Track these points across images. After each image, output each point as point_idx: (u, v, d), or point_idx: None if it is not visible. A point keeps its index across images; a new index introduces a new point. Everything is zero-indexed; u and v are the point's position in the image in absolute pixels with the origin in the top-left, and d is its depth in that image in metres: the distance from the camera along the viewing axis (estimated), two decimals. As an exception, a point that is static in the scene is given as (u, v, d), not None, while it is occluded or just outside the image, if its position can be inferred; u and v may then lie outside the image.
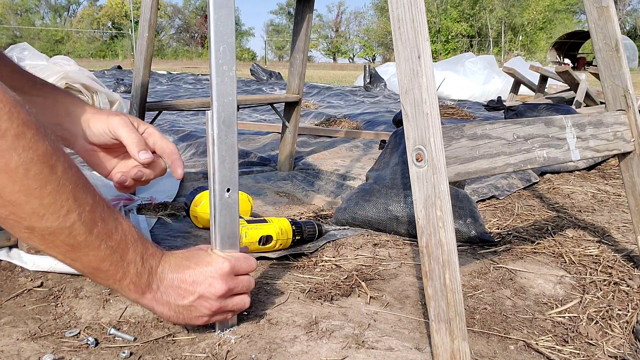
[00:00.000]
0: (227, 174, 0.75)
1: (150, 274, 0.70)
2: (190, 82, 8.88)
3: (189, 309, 0.73)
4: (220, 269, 0.74)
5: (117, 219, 0.67)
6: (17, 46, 3.10)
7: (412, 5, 0.69)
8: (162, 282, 0.71)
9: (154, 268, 0.71)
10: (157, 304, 0.72)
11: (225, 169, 0.75)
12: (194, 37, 47.65)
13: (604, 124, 0.98)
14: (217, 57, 0.72)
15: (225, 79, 0.73)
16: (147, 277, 0.70)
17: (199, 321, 0.75)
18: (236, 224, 0.78)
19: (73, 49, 38.02)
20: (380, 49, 42.73)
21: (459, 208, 1.27)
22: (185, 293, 0.72)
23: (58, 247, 0.62)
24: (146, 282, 0.70)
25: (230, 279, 0.75)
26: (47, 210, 0.58)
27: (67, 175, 0.60)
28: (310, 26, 1.90)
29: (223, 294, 0.74)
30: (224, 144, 0.74)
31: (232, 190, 0.76)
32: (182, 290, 0.72)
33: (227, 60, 0.73)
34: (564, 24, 31.92)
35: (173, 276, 0.72)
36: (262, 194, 1.70)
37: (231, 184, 0.76)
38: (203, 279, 0.73)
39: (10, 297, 0.89)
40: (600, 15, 1.01)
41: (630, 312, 0.91)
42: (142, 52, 1.53)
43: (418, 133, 0.70)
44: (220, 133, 0.74)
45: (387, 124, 3.38)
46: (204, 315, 0.75)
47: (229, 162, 0.75)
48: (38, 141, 0.57)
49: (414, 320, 0.87)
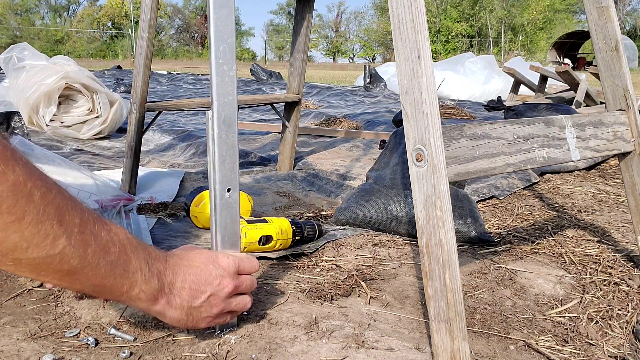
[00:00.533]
0: (227, 174, 0.75)
1: (159, 278, 0.67)
2: (190, 82, 8.88)
3: (199, 310, 0.72)
4: (228, 268, 0.73)
5: (110, 230, 0.63)
6: (17, 46, 3.10)
7: (412, 5, 0.69)
8: (174, 285, 0.69)
9: (162, 271, 0.68)
10: (169, 308, 0.69)
11: (226, 169, 0.75)
12: (194, 37, 47.65)
13: (604, 124, 0.98)
14: (217, 56, 0.72)
15: (226, 78, 0.73)
16: (158, 282, 0.67)
17: (205, 322, 0.74)
18: (237, 223, 0.78)
19: (73, 49, 38.03)
20: (380, 49, 42.73)
21: (459, 208, 1.27)
22: (197, 293, 0.71)
23: (51, 274, 0.58)
24: (157, 287, 0.67)
25: (236, 278, 0.75)
26: (30, 242, 0.54)
27: (47, 200, 0.55)
28: (310, 26, 1.90)
29: (231, 292, 0.73)
30: (224, 144, 0.74)
31: (233, 190, 0.76)
32: (195, 291, 0.70)
33: (227, 60, 0.73)
34: (564, 24, 31.91)
35: (184, 278, 0.70)
36: (262, 194, 1.70)
37: (232, 184, 0.76)
38: (213, 278, 0.72)
39: (10, 297, 0.89)
40: (600, 15, 1.01)
41: (630, 312, 0.91)
42: (142, 52, 1.53)
43: (418, 133, 0.70)
44: (220, 133, 0.74)
45: (387, 124, 3.38)
46: (210, 316, 0.73)
47: (229, 162, 0.75)
48: (5, 171, 0.51)
49: (414, 320, 0.87)
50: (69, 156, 2.26)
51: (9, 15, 40.68)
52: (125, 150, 1.62)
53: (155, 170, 1.97)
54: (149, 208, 1.45)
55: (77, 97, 2.82)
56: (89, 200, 1.38)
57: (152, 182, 1.78)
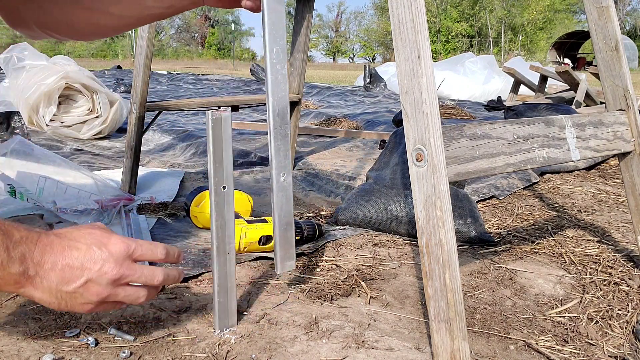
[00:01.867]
0: (282, 161, 0.82)
1: (23, 261, 0.62)
2: (190, 82, 8.87)
3: (73, 296, 0.65)
4: (116, 252, 0.67)
5: None
6: (17, 46, 3.10)
7: (412, 5, 0.69)
8: (41, 267, 0.63)
9: (28, 254, 0.62)
10: (35, 290, 0.64)
11: (280, 157, 0.82)
12: (194, 37, 47.67)
13: (604, 124, 0.98)
14: (271, 57, 0.78)
15: (279, 76, 0.79)
16: (20, 266, 0.61)
17: (84, 309, 0.67)
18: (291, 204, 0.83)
19: (73, 49, 38.03)
20: (380, 49, 42.73)
21: (459, 208, 1.27)
22: (70, 277, 0.64)
23: None
24: (19, 271, 0.61)
25: (125, 265, 0.67)
26: None
27: None
28: (310, 26, 1.90)
29: (115, 279, 0.66)
30: (279, 134, 0.80)
31: (287, 174, 0.82)
32: (67, 275, 0.64)
33: (280, 60, 0.79)
34: (564, 24, 31.92)
35: (56, 259, 0.64)
36: (262, 194, 1.70)
37: (286, 170, 0.82)
38: (93, 262, 0.65)
39: (10, 297, 0.89)
40: (600, 15, 1.01)
41: (630, 312, 0.91)
42: (142, 52, 1.53)
43: (418, 133, 0.70)
44: (275, 125, 0.79)
45: (387, 124, 3.38)
46: (90, 303, 0.67)
47: (283, 150, 0.82)
48: None
49: (414, 320, 0.87)
50: (69, 156, 2.26)
51: (9, 15, 40.59)
52: (125, 150, 1.62)
53: (155, 170, 1.97)
54: (149, 208, 1.45)
55: (77, 97, 2.81)
56: (89, 200, 1.38)
57: (152, 182, 1.78)
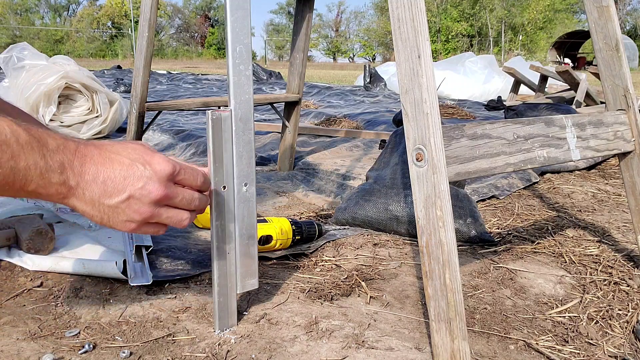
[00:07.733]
0: (244, 169, 0.77)
1: (62, 170, 0.59)
2: (190, 81, 8.87)
3: (115, 211, 0.63)
4: (161, 172, 0.64)
5: None
6: (16, 46, 3.10)
7: (412, 5, 0.69)
8: (82, 178, 0.61)
9: (67, 163, 0.60)
10: (78, 202, 0.62)
11: (243, 164, 0.77)
12: (194, 37, 47.66)
13: (604, 124, 0.98)
14: (234, 57, 0.75)
15: (242, 78, 0.76)
16: (60, 175, 0.59)
17: (127, 227, 0.65)
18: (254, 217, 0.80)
19: (73, 49, 38.05)
20: (380, 48, 42.74)
21: (459, 208, 1.26)
22: (113, 191, 0.62)
23: None
24: (59, 181, 0.59)
25: (169, 186, 0.65)
26: None
27: None
28: (310, 26, 1.90)
29: (158, 199, 0.64)
30: (241, 140, 0.76)
31: (250, 184, 0.79)
32: (109, 187, 0.61)
33: (243, 60, 0.76)
34: (564, 24, 31.91)
35: (97, 170, 0.61)
36: (262, 193, 1.70)
37: (248, 179, 0.78)
38: (136, 177, 0.62)
39: (10, 297, 0.89)
40: (601, 15, 1.01)
41: (630, 312, 0.91)
42: (142, 51, 1.53)
43: (418, 133, 0.70)
44: (237, 130, 0.76)
45: (387, 123, 3.38)
46: (133, 222, 0.64)
47: (246, 157, 0.77)
48: None
49: (414, 320, 0.87)
50: (69, 156, 2.26)
51: (9, 15, 40.69)
52: (125, 150, 1.61)
53: (155, 170, 1.96)
54: (149, 208, 1.45)
55: (77, 97, 2.82)
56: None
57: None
